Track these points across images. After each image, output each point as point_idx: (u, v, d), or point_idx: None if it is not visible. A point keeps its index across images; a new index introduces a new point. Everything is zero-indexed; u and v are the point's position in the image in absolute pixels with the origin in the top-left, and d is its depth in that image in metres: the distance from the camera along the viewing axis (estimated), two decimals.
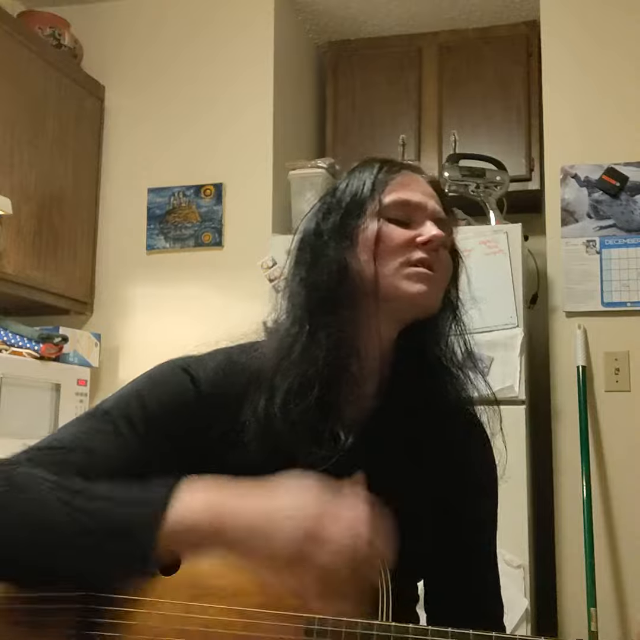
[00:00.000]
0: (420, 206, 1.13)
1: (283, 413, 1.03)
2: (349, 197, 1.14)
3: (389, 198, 1.12)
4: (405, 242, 1.10)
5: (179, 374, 1.07)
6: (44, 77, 3.05)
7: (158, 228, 3.28)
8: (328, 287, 1.09)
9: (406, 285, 1.08)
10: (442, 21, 3.61)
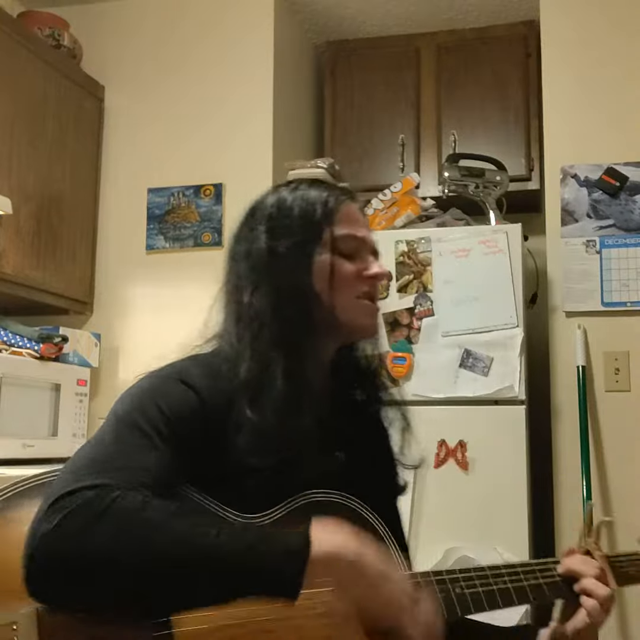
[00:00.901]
0: (364, 240, 1.23)
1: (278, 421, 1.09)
2: (300, 220, 1.20)
3: (339, 231, 1.20)
4: (355, 275, 1.20)
5: (178, 384, 1.09)
6: (44, 78, 3.05)
7: (158, 228, 3.28)
8: (296, 311, 1.15)
9: (361, 318, 1.21)
10: (440, 21, 3.61)
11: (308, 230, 1.19)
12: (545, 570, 1.16)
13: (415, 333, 2.81)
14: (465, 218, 3.13)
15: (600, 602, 1.13)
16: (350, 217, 1.22)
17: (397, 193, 3.09)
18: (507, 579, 1.11)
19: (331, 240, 1.19)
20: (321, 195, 1.22)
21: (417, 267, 2.85)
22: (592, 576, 1.15)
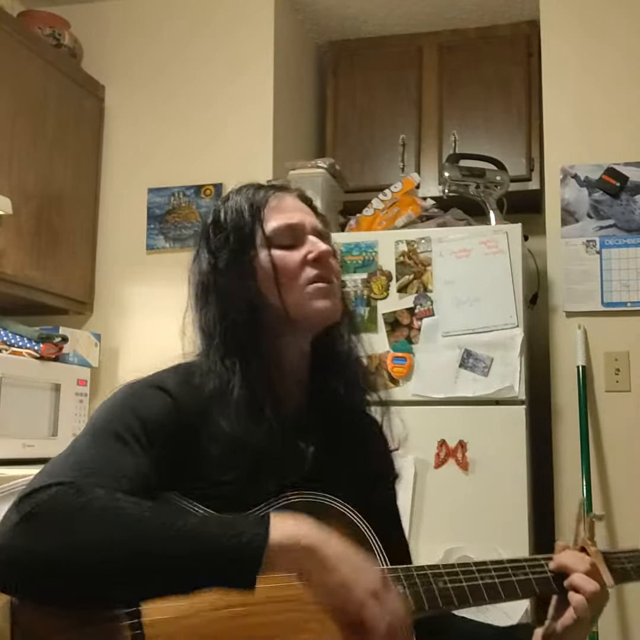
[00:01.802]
0: (300, 226, 1.22)
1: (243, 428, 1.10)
2: (232, 228, 1.22)
3: (270, 226, 1.21)
4: (299, 263, 1.19)
5: (155, 392, 1.11)
6: (44, 77, 3.05)
7: (158, 228, 3.28)
8: (245, 323, 1.17)
9: (312, 303, 1.19)
10: (443, 21, 3.60)
11: (240, 235, 1.21)
12: (536, 566, 1.15)
13: (416, 333, 2.81)
14: (466, 218, 3.13)
15: (587, 597, 1.11)
16: (279, 207, 1.23)
17: (397, 193, 3.09)
18: (495, 574, 1.11)
19: (264, 237, 1.20)
20: (247, 197, 1.25)
21: (417, 267, 2.85)
22: (582, 571, 1.13)
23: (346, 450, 1.21)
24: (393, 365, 2.78)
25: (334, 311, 1.22)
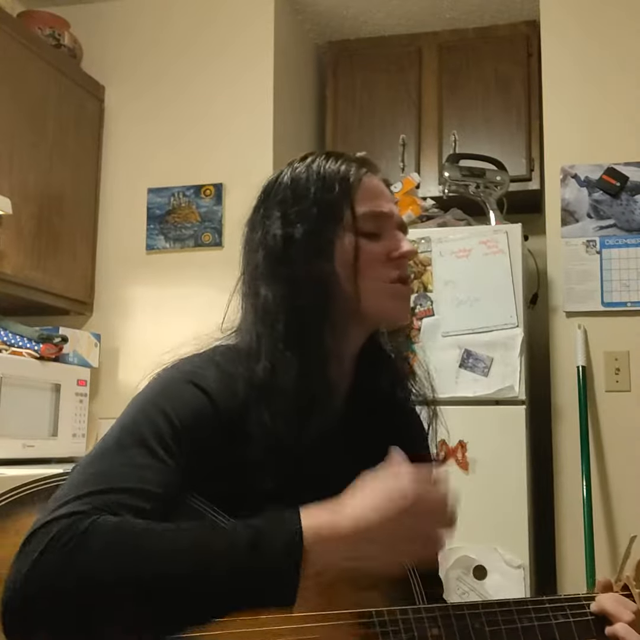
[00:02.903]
0: (389, 215, 1.14)
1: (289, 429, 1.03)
2: (317, 201, 1.11)
3: (362, 209, 1.11)
4: (383, 258, 1.11)
5: (191, 389, 1.03)
6: (44, 78, 3.05)
7: (158, 228, 3.28)
8: (313, 308, 1.08)
9: (391, 304, 1.12)
10: (442, 21, 3.60)
11: (326, 211, 1.10)
12: (577, 607, 1.07)
13: (416, 333, 2.81)
14: (466, 218, 3.13)
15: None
16: (372, 191, 1.13)
17: (397, 193, 3.09)
18: (534, 615, 1.03)
19: (353, 220, 1.10)
20: (338, 170, 1.13)
21: (417, 267, 2.85)
22: (626, 621, 1.04)
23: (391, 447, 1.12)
24: None
25: (407, 316, 1.16)
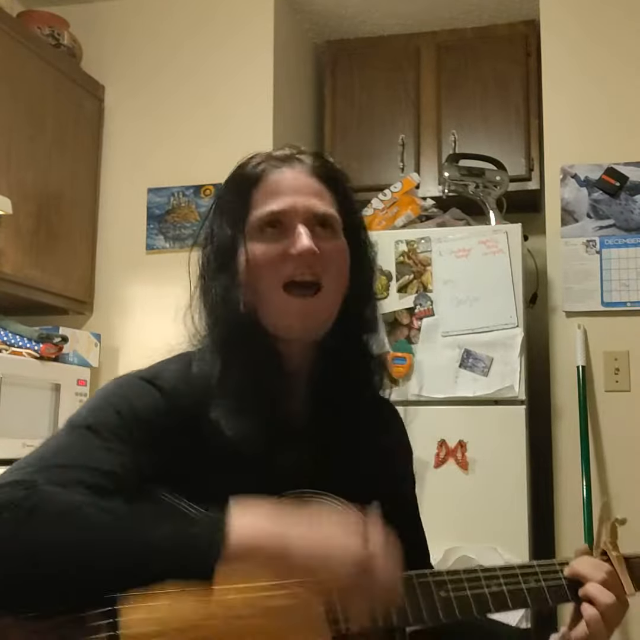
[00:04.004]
0: (288, 212, 1.06)
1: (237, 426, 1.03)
2: (225, 210, 1.11)
3: (257, 211, 1.07)
4: (276, 257, 1.05)
5: (144, 385, 1.04)
6: (43, 77, 3.05)
7: (157, 228, 3.28)
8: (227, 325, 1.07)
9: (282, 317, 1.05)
10: (441, 20, 3.60)
11: (230, 220, 1.09)
12: (550, 572, 1.05)
13: (415, 333, 2.81)
14: (465, 218, 3.13)
15: (602, 610, 1.01)
16: (271, 190, 1.08)
17: (397, 193, 3.09)
18: (503, 581, 1.02)
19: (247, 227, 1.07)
20: (243, 172, 1.12)
21: (417, 267, 2.85)
22: (598, 581, 1.03)
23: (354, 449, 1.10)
24: (393, 365, 2.78)
25: (311, 326, 1.07)
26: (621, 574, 1.07)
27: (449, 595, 0.98)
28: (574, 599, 1.05)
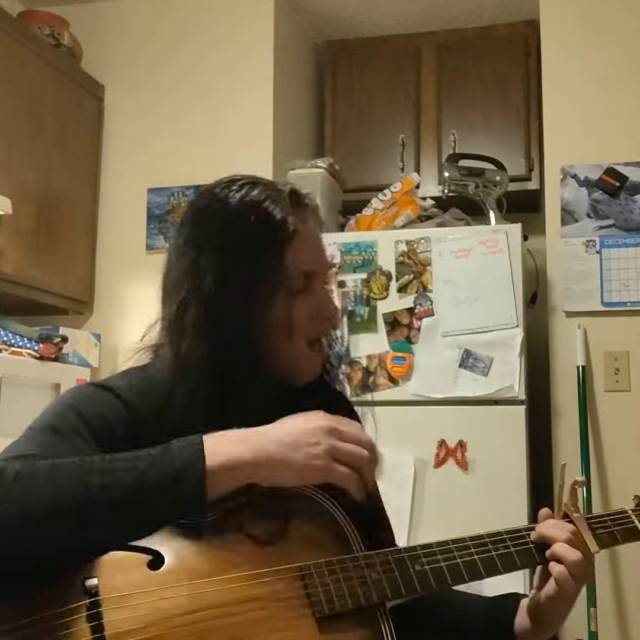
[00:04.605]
0: (319, 269, 1.12)
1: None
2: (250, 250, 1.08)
3: (298, 266, 1.09)
4: (310, 317, 1.10)
5: (102, 392, 1.08)
6: (43, 77, 3.05)
7: (158, 228, 3.28)
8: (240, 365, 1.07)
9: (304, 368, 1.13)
10: (441, 20, 3.60)
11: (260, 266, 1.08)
12: (517, 537, 1.09)
13: (415, 333, 2.81)
14: (465, 218, 3.13)
15: (570, 568, 1.05)
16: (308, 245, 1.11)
17: (397, 193, 3.09)
18: (474, 550, 1.05)
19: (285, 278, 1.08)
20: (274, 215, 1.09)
21: (417, 267, 2.85)
22: (563, 540, 1.07)
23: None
24: (393, 365, 2.78)
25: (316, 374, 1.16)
26: (584, 532, 1.11)
27: (424, 568, 1.02)
28: (542, 560, 1.09)
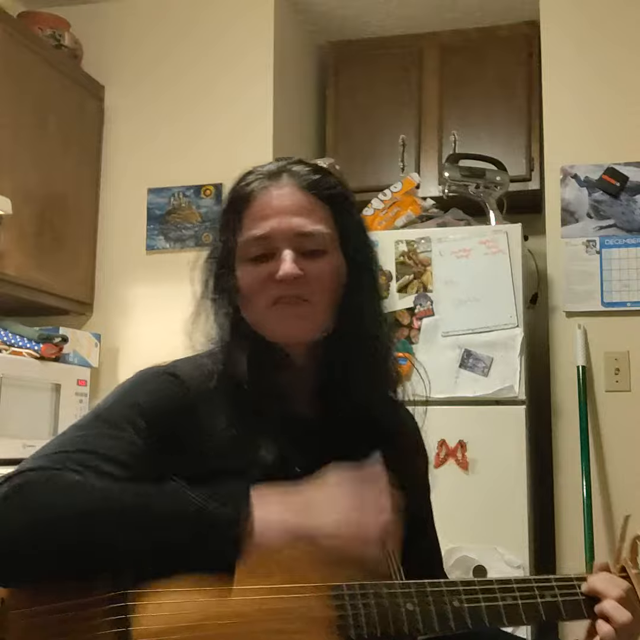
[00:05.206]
0: (272, 235, 1.09)
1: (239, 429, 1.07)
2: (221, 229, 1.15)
3: (246, 233, 1.10)
4: (263, 280, 1.09)
5: (165, 378, 1.09)
6: (45, 78, 3.05)
7: (158, 228, 3.29)
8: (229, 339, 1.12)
9: (274, 326, 1.09)
10: (443, 21, 3.60)
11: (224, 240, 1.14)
12: (566, 586, 1.03)
13: (416, 333, 2.81)
14: (466, 218, 3.13)
15: (617, 628, 0.99)
16: (257, 214, 1.11)
17: (397, 193, 3.09)
18: (519, 594, 1.00)
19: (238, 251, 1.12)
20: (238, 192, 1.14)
21: (417, 267, 2.85)
22: (615, 598, 1.01)
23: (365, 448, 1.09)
24: None
25: (301, 332, 1.10)
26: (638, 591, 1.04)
27: (462, 605, 0.97)
28: (590, 614, 1.03)
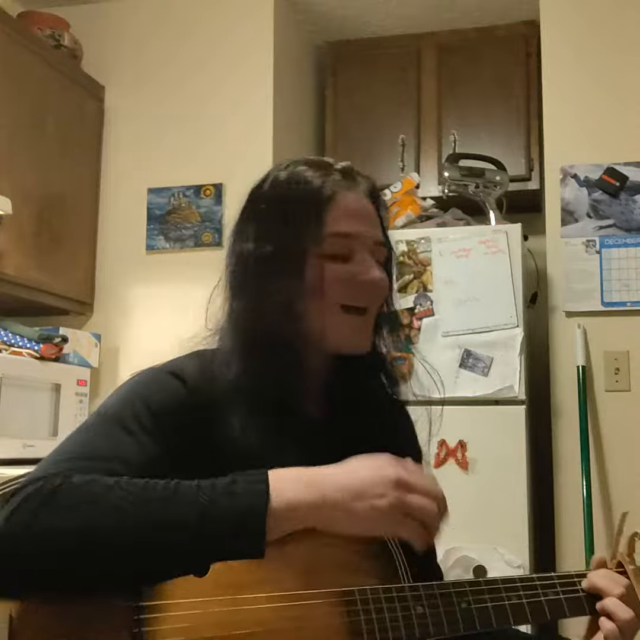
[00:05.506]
0: (360, 236, 1.11)
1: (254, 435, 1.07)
2: (290, 218, 1.11)
3: (330, 229, 1.09)
4: (342, 280, 1.09)
5: (169, 378, 1.08)
6: (44, 78, 3.05)
7: (158, 228, 3.29)
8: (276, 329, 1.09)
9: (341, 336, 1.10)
10: (442, 21, 3.60)
11: (295, 230, 1.09)
12: (568, 584, 1.04)
13: (415, 333, 2.81)
14: (466, 218, 3.13)
15: (620, 625, 1.00)
16: (346, 209, 1.11)
17: (397, 193, 3.09)
18: (523, 593, 1.01)
19: (321, 241, 1.09)
20: (314, 184, 1.11)
21: (417, 267, 2.85)
22: (616, 595, 1.02)
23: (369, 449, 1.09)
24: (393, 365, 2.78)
25: (359, 346, 1.13)
26: (637, 587, 1.05)
27: (470, 607, 0.98)
28: (592, 611, 1.04)
